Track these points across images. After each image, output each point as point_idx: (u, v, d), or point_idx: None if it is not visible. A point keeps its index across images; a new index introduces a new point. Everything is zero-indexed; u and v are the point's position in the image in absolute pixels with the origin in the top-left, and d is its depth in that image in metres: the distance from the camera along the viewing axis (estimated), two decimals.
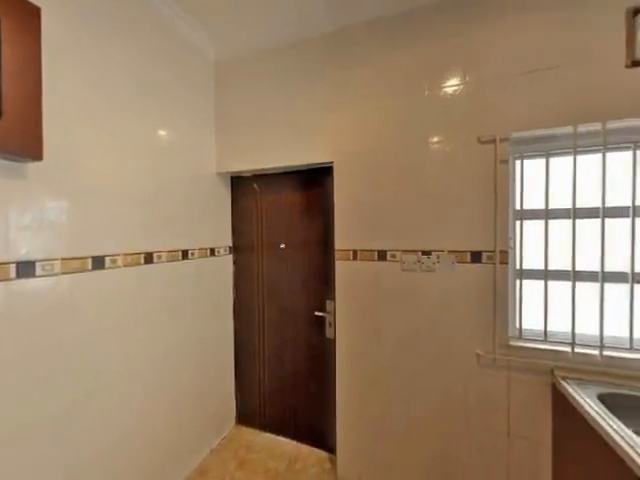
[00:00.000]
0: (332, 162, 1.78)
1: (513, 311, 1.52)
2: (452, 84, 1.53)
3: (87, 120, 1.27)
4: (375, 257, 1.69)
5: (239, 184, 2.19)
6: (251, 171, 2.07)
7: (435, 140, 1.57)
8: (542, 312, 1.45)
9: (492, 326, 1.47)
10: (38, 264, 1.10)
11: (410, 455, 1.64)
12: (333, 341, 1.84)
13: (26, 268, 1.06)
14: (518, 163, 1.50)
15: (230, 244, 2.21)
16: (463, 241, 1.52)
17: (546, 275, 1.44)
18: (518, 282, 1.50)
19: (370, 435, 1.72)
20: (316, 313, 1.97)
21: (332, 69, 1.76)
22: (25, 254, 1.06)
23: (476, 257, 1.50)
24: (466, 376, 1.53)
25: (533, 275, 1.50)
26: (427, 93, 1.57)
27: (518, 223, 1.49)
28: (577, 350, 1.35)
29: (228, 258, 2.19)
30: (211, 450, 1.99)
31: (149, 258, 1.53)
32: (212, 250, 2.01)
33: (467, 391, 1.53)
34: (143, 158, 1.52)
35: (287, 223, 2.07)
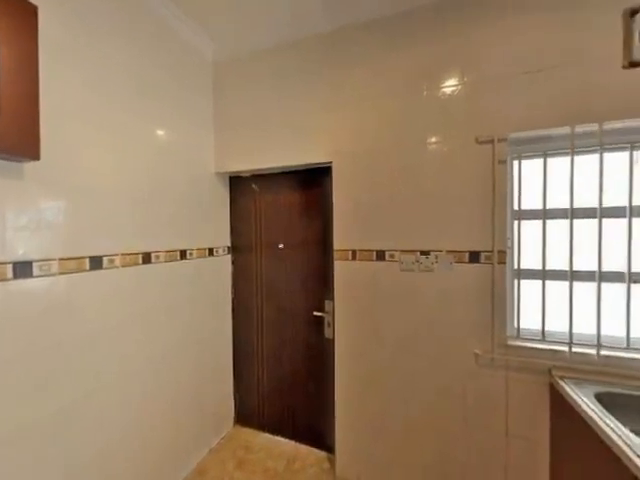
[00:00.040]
0: (331, 162, 1.78)
1: (511, 311, 1.52)
2: (450, 84, 1.54)
3: (85, 119, 1.26)
4: (374, 257, 1.69)
5: (238, 184, 2.19)
6: (250, 171, 2.07)
7: (433, 140, 1.57)
8: (540, 312, 1.46)
9: (490, 326, 1.48)
10: (35, 264, 1.09)
11: (409, 455, 1.65)
12: (332, 341, 1.84)
13: (23, 268, 1.06)
14: (516, 163, 1.50)
15: (229, 244, 2.21)
16: (461, 241, 1.53)
17: (544, 275, 1.45)
18: (516, 282, 1.51)
19: (369, 435, 1.73)
20: (315, 313, 1.97)
21: (330, 69, 1.76)
22: (22, 254, 1.06)
23: (474, 257, 1.51)
24: (464, 376, 1.53)
25: (531, 275, 1.51)
26: (425, 93, 1.58)
27: (516, 223, 1.50)
28: (574, 350, 1.36)
29: (227, 258, 2.19)
30: (210, 450, 1.98)
31: (147, 258, 1.53)
32: (210, 250, 2.00)
33: (465, 391, 1.53)
34: (141, 158, 1.51)
35: (286, 223, 2.07)
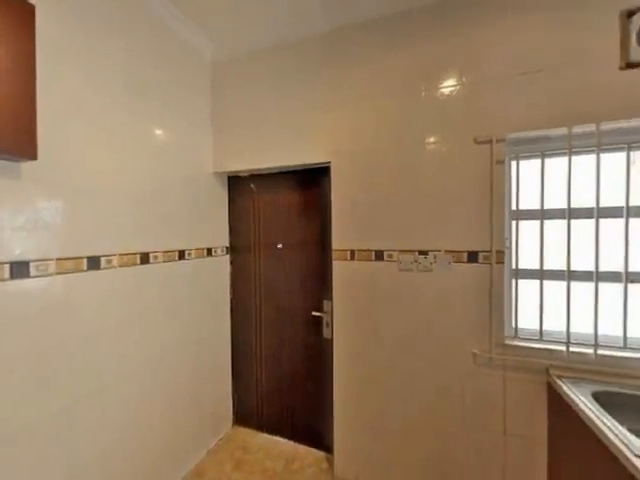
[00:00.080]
0: (329, 162, 1.78)
1: (509, 310, 1.53)
2: (449, 85, 1.54)
3: (83, 119, 1.26)
4: (372, 257, 1.69)
5: (236, 184, 2.19)
6: (248, 171, 2.07)
7: (432, 140, 1.57)
8: (537, 311, 1.46)
9: (488, 325, 1.48)
10: (32, 264, 1.08)
11: (407, 455, 1.65)
12: (330, 341, 1.84)
13: (20, 268, 1.05)
14: (514, 164, 1.51)
15: (227, 244, 2.20)
16: (460, 241, 1.53)
17: (541, 275, 1.45)
18: (514, 282, 1.51)
19: (367, 435, 1.73)
20: (313, 313, 1.97)
21: (329, 69, 1.76)
22: (19, 254, 1.05)
23: (473, 257, 1.51)
24: (463, 376, 1.53)
25: (529, 275, 1.51)
26: (424, 94, 1.58)
27: (514, 223, 1.50)
28: (572, 349, 1.37)
29: (225, 258, 2.18)
30: (208, 451, 1.98)
31: (145, 258, 1.52)
32: (209, 250, 2.00)
33: (464, 390, 1.54)
34: (139, 158, 1.51)
35: (284, 223, 2.07)
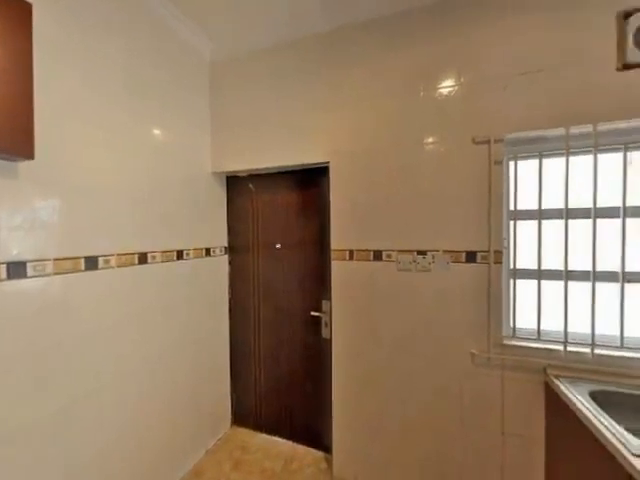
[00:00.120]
0: (328, 162, 1.78)
1: (507, 310, 1.53)
2: (447, 85, 1.54)
3: (81, 118, 1.25)
4: (371, 257, 1.69)
5: (235, 184, 2.18)
6: (247, 171, 2.06)
7: (430, 141, 1.57)
8: (535, 311, 1.47)
9: (486, 325, 1.49)
10: (29, 265, 1.08)
11: (406, 455, 1.65)
12: (329, 341, 1.84)
13: (17, 269, 1.05)
14: (512, 164, 1.51)
15: (226, 244, 2.20)
16: (458, 241, 1.54)
17: (539, 275, 1.46)
18: (512, 282, 1.52)
19: (366, 435, 1.73)
20: (312, 313, 1.97)
21: (328, 69, 1.76)
22: (16, 255, 1.04)
23: (471, 257, 1.52)
24: (461, 375, 1.54)
25: (527, 275, 1.52)
26: (422, 94, 1.58)
27: (512, 223, 1.51)
28: (569, 348, 1.37)
29: (224, 258, 2.18)
30: (206, 451, 1.97)
31: (143, 258, 1.52)
32: (207, 250, 2.00)
33: (462, 390, 1.54)
34: (138, 157, 1.50)
35: (283, 223, 2.06)
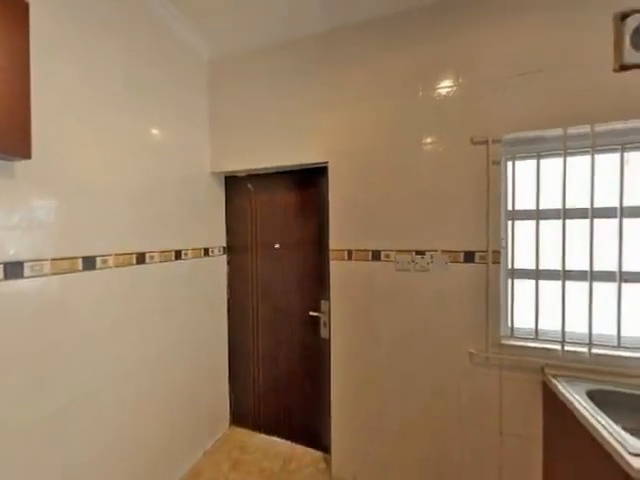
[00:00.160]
0: (327, 162, 1.78)
1: (505, 310, 1.54)
2: (445, 85, 1.54)
3: (79, 117, 1.25)
4: (369, 257, 1.69)
5: (233, 184, 2.18)
6: (245, 171, 2.06)
7: (429, 141, 1.58)
8: (533, 311, 1.47)
9: (484, 325, 1.49)
10: (27, 265, 1.07)
11: (405, 454, 1.65)
12: (328, 341, 1.84)
13: (14, 269, 1.04)
14: (510, 164, 1.52)
15: (224, 244, 2.19)
16: (456, 241, 1.54)
17: (537, 275, 1.46)
18: (510, 282, 1.52)
19: (365, 435, 1.73)
20: (311, 313, 1.97)
21: (327, 69, 1.76)
22: (13, 255, 1.04)
23: (469, 257, 1.52)
24: (459, 375, 1.54)
25: (524, 275, 1.52)
26: (421, 94, 1.58)
27: (510, 223, 1.51)
28: (567, 348, 1.38)
29: (222, 258, 2.18)
30: (205, 451, 1.97)
31: (141, 258, 1.51)
32: (206, 250, 1.99)
33: (460, 390, 1.54)
34: (136, 157, 1.50)
35: (281, 223, 2.06)
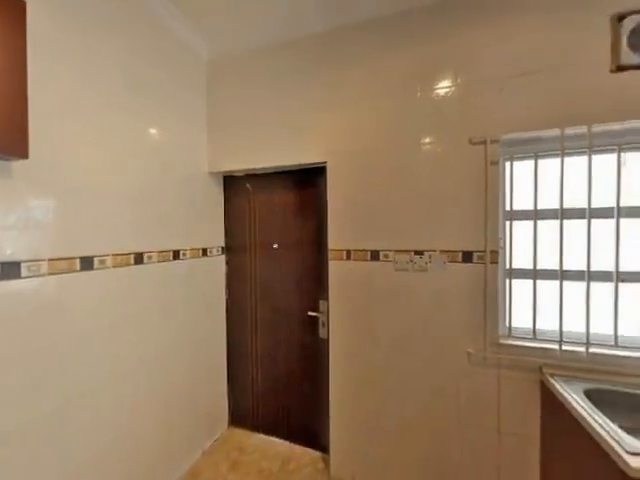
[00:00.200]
0: (325, 162, 1.78)
1: (503, 310, 1.54)
2: (444, 86, 1.55)
3: (76, 117, 1.24)
4: (368, 257, 1.70)
5: (232, 184, 2.17)
6: (244, 171, 2.06)
7: (427, 141, 1.58)
8: (531, 311, 1.48)
9: (483, 325, 1.50)
10: (24, 265, 1.07)
11: (403, 454, 1.65)
12: (326, 341, 1.84)
13: (11, 269, 1.03)
14: (508, 164, 1.52)
15: (223, 244, 2.19)
16: (455, 241, 1.54)
17: (535, 274, 1.47)
18: (508, 281, 1.53)
19: (363, 435, 1.73)
20: (309, 313, 1.97)
21: (326, 69, 1.76)
22: (10, 255, 1.03)
23: (467, 257, 1.52)
24: (458, 375, 1.55)
25: (522, 274, 1.53)
26: (420, 94, 1.59)
27: (508, 223, 1.52)
28: (564, 347, 1.38)
29: (220, 258, 2.17)
30: (203, 452, 1.96)
31: (139, 258, 1.51)
32: (204, 250, 1.99)
33: (459, 390, 1.55)
34: (134, 157, 1.49)
35: (280, 223, 2.06)
